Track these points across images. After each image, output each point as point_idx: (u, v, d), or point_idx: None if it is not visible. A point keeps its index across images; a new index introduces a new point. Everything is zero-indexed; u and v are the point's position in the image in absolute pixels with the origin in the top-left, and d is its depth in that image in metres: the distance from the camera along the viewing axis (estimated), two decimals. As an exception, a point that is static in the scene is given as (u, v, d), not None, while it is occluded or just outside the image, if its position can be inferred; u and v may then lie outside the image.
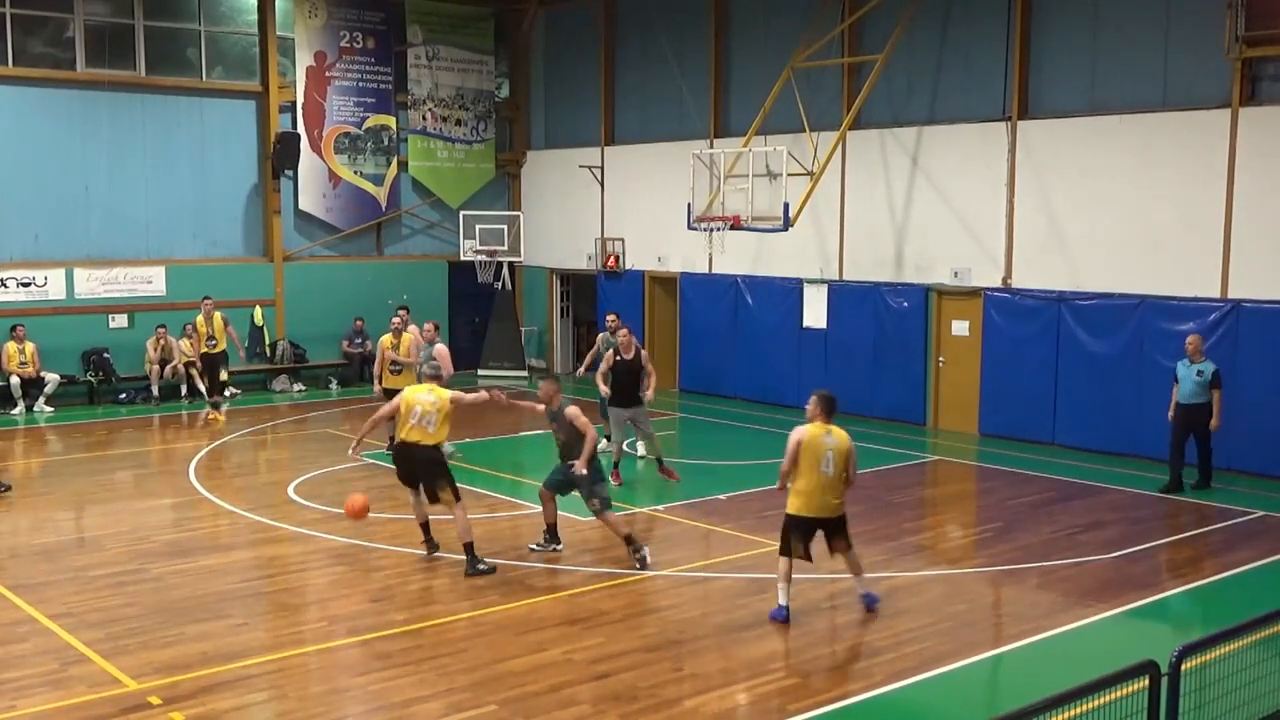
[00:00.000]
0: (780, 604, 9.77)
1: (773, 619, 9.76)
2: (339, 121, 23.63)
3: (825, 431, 9.67)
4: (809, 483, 9.61)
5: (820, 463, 9.58)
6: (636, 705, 8.04)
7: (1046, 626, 9.72)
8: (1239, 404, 15.54)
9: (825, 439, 9.63)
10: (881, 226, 19.59)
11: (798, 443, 9.60)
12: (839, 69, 19.79)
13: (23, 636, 9.34)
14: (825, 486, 9.62)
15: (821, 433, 9.66)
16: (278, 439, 18.31)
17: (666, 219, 21.93)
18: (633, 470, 15.40)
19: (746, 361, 21.49)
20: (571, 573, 11.15)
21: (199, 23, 22.15)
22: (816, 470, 9.58)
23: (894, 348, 19.27)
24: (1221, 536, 12.66)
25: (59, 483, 15.05)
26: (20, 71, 20.39)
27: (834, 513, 9.75)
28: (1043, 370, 17.51)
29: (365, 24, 23.85)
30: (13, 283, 20.48)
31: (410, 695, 8.19)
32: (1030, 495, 14.50)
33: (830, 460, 9.59)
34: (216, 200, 22.58)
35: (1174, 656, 5.79)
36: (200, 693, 8.20)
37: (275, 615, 10.15)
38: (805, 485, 9.63)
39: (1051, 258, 17.49)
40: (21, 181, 20.58)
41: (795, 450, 9.60)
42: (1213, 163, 15.72)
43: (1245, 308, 15.50)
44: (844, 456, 9.67)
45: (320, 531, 12.52)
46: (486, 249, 24.17)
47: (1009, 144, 17.80)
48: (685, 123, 22.53)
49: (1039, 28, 17.64)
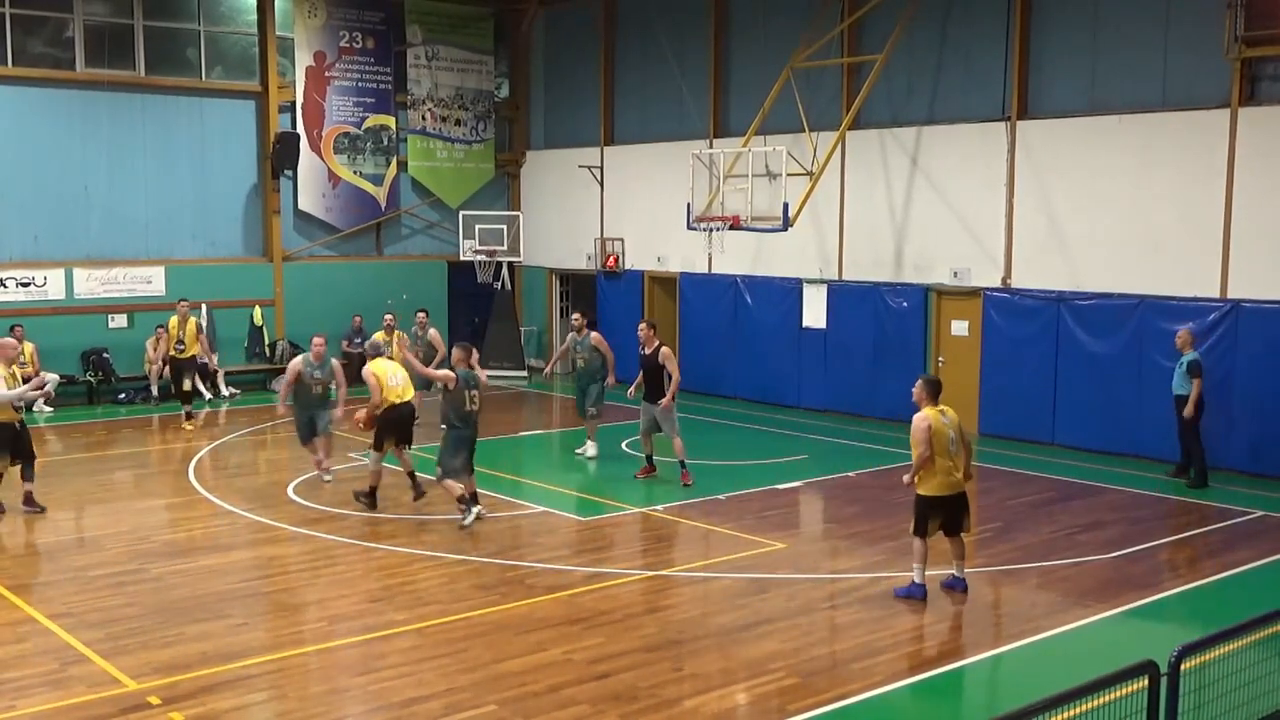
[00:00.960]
0: (916, 581, 10.23)
1: (907, 596, 10.17)
2: (338, 121, 23.64)
3: (941, 412, 10.16)
4: (941, 464, 10.06)
5: (948, 444, 10.08)
6: (636, 705, 8.04)
7: (1046, 626, 9.72)
8: (1239, 404, 15.57)
9: (944, 419, 10.14)
10: (881, 227, 19.59)
11: (929, 428, 10.01)
12: (839, 69, 19.80)
13: (22, 636, 9.33)
14: (955, 465, 10.14)
15: (939, 414, 10.14)
16: (277, 439, 18.30)
17: (666, 219, 21.93)
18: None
19: (746, 362, 21.49)
20: (571, 573, 11.15)
21: (198, 23, 22.15)
22: (947, 451, 10.08)
23: (894, 348, 19.27)
24: (1221, 536, 12.66)
25: (58, 483, 15.02)
26: (20, 71, 20.39)
27: (962, 488, 10.27)
28: (1042, 370, 17.51)
29: (365, 24, 23.86)
30: (12, 283, 20.48)
31: (410, 695, 8.19)
32: (1030, 495, 14.50)
33: (953, 438, 10.12)
34: (216, 200, 22.58)
35: (1173, 656, 5.79)
36: (200, 693, 8.20)
37: (275, 615, 10.15)
38: (939, 466, 10.07)
39: (1051, 258, 17.49)
40: (21, 181, 20.57)
41: (929, 435, 9.99)
42: (1212, 163, 15.72)
43: (1245, 308, 15.50)
44: (961, 431, 10.23)
45: (320, 531, 12.51)
46: (486, 249, 24.18)
47: (1009, 144, 17.80)
48: (685, 123, 22.53)
49: (1039, 28, 17.64)
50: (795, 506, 14.25)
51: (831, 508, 14.17)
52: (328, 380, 14.49)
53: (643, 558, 11.93)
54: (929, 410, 10.14)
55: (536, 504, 13.85)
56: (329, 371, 14.52)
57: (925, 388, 10.27)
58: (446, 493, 12.84)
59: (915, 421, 10.15)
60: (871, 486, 14.81)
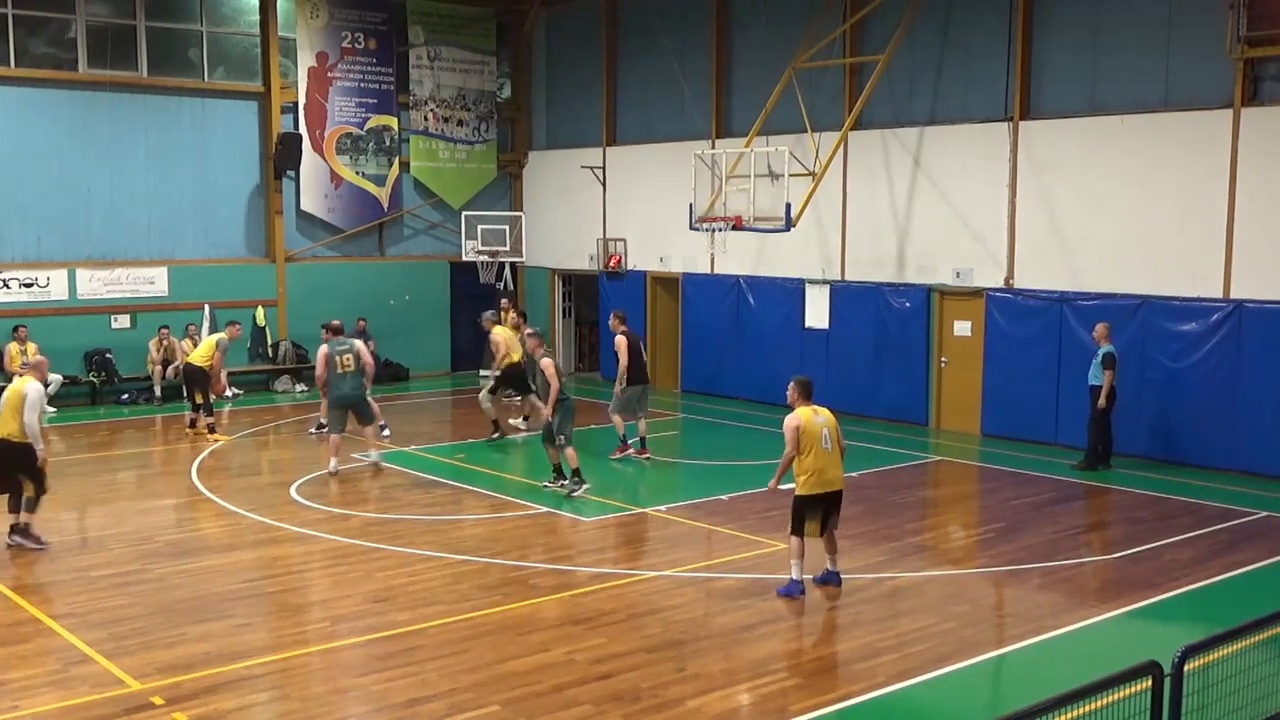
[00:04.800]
0: (795, 578, 10.25)
1: (787, 595, 10.20)
2: (341, 122, 23.64)
3: (814, 412, 10.36)
4: (816, 461, 10.23)
5: (819, 440, 10.25)
6: (639, 706, 8.05)
7: (1049, 627, 9.72)
8: (1241, 405, 15.56)
9: (816, 419, 10.32)
10: (883, 227, 19.59)
11: (797, 427, 10.23)
12: (841, 69, 19.80)
13: (25, 637, 9.35)
14: (829, 462, 10.29)
15: (811, 414, 10.35)
16: (280, 439, 18.31)
17: (668, 219, 21.93)
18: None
19: (748, 362, 21.49)
20: (574, 573, 11.15)
21: (201, 23, 22.16)
22: (819, 448, 10.24)
23: (896, 348, 19.27)
24: (1224, 537, 12.65)
25: (61, 483, 15.02)
26: (22, 72, 20.41)
27: (840, 485, 10.44)
28: (1045, 371, 17.50)
29: (367, 25, 23.86)
30: (15, 283, 20.50)
31: (413, 695, 8.19)
32: (1032, 495, 14.49)
33: (826, 437, 10.29)
34: (218, 201, 22.60)
35: (1177, 657, 5.79)
36: (203, 693, 8.20)
37: (278, 615, 10.15)
38: (813, 464, 10.24)
39: (1053, 258, 17.48)
40: (24, 182, 20.58)
41: (797, 434, 10.21)
42: (1215, 163, 15.71)
43: (1247, 308, 15.49)
44: (836, 430, 10.41)
45: (322, 532, 12.52)
46: (488, 249, 24.17)
47: (1011, 144, 17.80)
48: (687, 123, 22.53)
49: (1040, 28, 17.63)
50: (798, 507, 14.23)
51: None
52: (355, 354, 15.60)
53: (645, 558, 11.95)
54: (802, 410, 10.36)
55: (539, 504, 13.86)
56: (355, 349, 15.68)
57: (798, 388, 10.53)
58: (567, 461, 14.04)
59: (786, 421, 10.35)
60: (873, 487, 14.81)
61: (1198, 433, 16.01)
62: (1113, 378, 15.44)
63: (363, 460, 15.86)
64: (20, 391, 11.61)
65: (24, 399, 11.54)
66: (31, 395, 11.58)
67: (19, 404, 11.54)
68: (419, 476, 15.25)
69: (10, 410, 11.58)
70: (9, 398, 11.63)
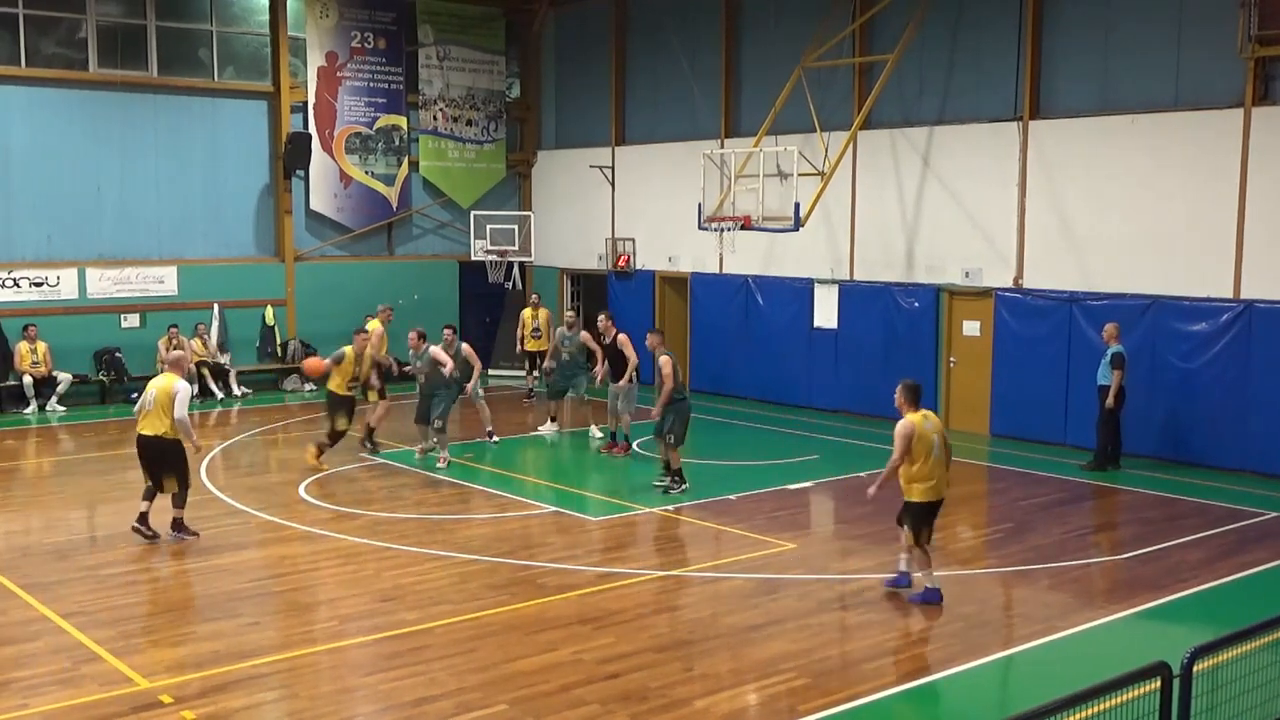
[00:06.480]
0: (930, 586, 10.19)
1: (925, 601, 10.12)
2: (350, 122, 23.67)
3: (924, 418, 10.07)
4: (929, 469, 10.00)
5: (933, 448, 9.99)
6: (647, 705, 8.04)
7: (1058, 627, 9.70)
8: (1253, 405, 15.51)
9: (927, 425, 10.04)
10: (892, 226, 19.55)
11: (909, 435, 9.91)
12: (850, 69, 19.77)
13: (35, 635, 9.37)
14: (941, 470, 10.10)
15: (922, 420, 10.04)
16: (289, 438, 18.34)
17: (677, 219, 21.92)
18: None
19: (757, 361, 21.47)
20: (582, 573, 11.15)
21: (211, 23, 22.20)
22: (931, 456, 9.98)
23: (905, 348, 19.22)
24: (1234, 537, 12.61)
25: (71, 482, 15.10)
26: (33, 72, 20.46)
27: (943, 495, 10.25)
28: (1054, 371, 17.46)
29: (376, 24, 23.89)
30: (25, 282, 20.55)
31: (420, 695, 8.20)
32: (1041, 496, 14.46)
33: (937, 444, 10.03)
34: (228, 200, 22.64)
35: (1186, 658, 5.77)
36: (211, 691, 8.22)
37: (286, 614, 10.16)
38: (927, 472, 10.01)
39: (1063, 258, 17.44)
40: (34, 182, 20.63)
41: (909, 442, 9.91)
42: (1225, 163, 15.66)
43: (1258, 308, 15.43)
44: (944, 437, 10.15)
45: (331, 531, 12.54)
46: (497, 249, 24.19)
47: (1020, 144, 17.76)
48: (696, 123, 22.52)
49: (1050, 27, 17.60)
50: (806, 507, 14.24)
51: (842, 508, 14.14)
52: (427, 369, 15.99)
53: (653, 558, 11.95)
54: (914, 415, 10.06)
55: (548, 504, 13.87)
56: (428, 360, 15.97)
57: (906, 392, 10.18)
58: (673, 460, 14.22)
59: (898, 428, 10.06)
60: (883, 487, 14.75)
61: (1207, 433, 15.97)
62: (1122, 378, 15.41)
63: (371, 459, 15.91)
64: (169, 390, 11.77)
65: (173, 396, 11.72)
66: (181, 392, 11.78)
67: (169, 402, 11.71)
68: (427, 476, 15.27)
69: (160, 409, 11.75)
70: (158, 396, 11.80)
